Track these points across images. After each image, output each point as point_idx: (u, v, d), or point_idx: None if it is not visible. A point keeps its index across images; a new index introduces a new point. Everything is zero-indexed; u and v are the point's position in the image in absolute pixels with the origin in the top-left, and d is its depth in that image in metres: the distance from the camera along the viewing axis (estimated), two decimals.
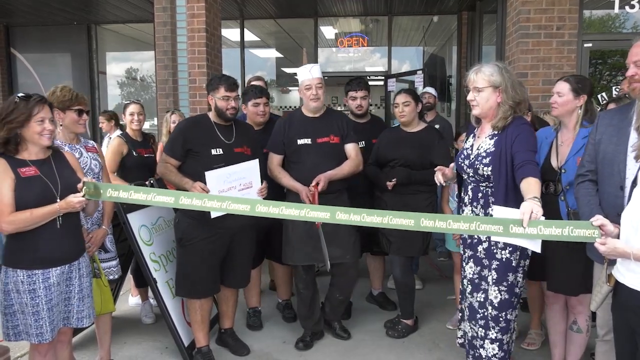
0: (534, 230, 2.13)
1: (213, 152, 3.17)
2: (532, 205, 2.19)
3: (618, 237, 1.99)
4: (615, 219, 2.05)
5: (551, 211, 2.67)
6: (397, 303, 4.13)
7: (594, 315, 2.80)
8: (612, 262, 2.08)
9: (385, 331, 3.84)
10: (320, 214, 2.34)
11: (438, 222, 2.21)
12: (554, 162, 2.95)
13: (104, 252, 3.19)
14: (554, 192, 2.92)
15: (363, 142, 3.81)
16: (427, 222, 2.22)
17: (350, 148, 3.53)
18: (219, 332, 3.65)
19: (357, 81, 4.08)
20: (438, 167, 2.84)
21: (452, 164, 2.98)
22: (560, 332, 3.12)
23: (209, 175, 3.02)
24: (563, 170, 2.87)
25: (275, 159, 3.54)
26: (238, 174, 3.13)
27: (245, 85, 4.47)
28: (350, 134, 3.54)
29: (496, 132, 2.68)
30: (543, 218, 2.18)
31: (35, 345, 2.51)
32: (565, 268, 2.86)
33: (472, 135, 2.88)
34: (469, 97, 2.71)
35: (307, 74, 3.45)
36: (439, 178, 2.80)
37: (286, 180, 3.44)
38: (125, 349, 3.64)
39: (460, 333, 3.01)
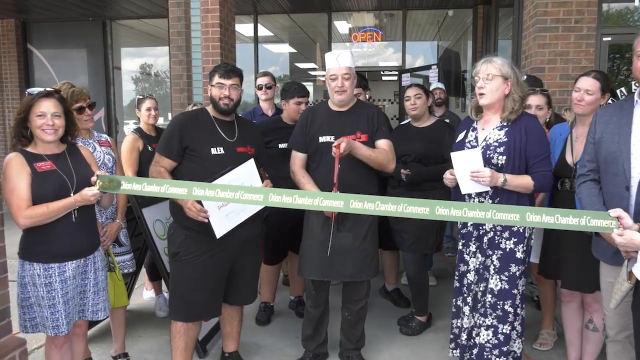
0: (550, 219, 2.12)
1: (213, 151, 2.79)
2: (490, 171, 2.53)
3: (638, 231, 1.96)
4: None
5: (567, 208, 2.63)
6: (411, 300, 4.11)
7: None
8: (633, 260, 2.04)
9: (399, 328, 3.83)
10: (334, 203, 2.31)
11: (453, 210, 2.19)
12: (569, 159, 2.92)
13: (118, 246, 3.21)
14: (570, 188, 2.88)
15: None
16: (442, 210, 2.19)
17: (382, 144, 3.07)
18: (221, 356, 3.32)
19: None
20: (448, 171, 2.80)
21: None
22: (576, 330, 3.09)
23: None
24: (578, 166, 2.83)
25: (298, 159, 3.14)
26: (238, 179, 2.71)
27: (255, 80, 4.44)
28: (381, 129, 3.09)
29: (505, 124, 2.69)
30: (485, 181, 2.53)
31: (51, 338, 2.54)
32: (580, 266, 2.83)
33: (471, 129, 2.84)
34: (479, 84, 2.69)
35: (334, 61, 3.01)
36: (449, 183, 2.83)
37: (309, 189, 2.99)
38: (140, 342, 3.67)
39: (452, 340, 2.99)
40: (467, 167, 2.58)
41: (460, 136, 2.88)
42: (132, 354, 3.44)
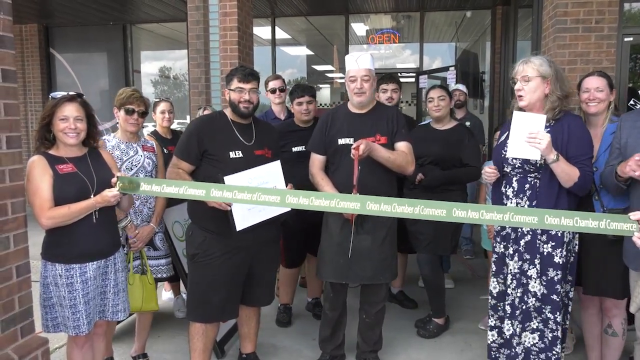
0: (569, 221, 2.09)
1: (231, 154, 2.80)
2: (549, 138, 2.42)
3: None
4: None
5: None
6: (417, 301, 4.17)
7: (630, 319, 2.71)
8: None
9: (417, 331, 3.81)
10: (350, 204, 2.31)
11: (470, 212, 2.17)
12: None
13: (153, 250, 3.24)
14: (588, 192, 2.85)
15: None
16: (459, 212, 2.17)
17: (402, 146, 3.05)
18: (239, 357, 3.35)
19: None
20: (487, 167, 2.81)
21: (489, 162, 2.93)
22: (596, 335, 3.05)
23: (229, 181, 2.60)
24: (594, 169, 2.79)
25: (317, 161, 3.15)
26: (261, 177, 2.74)
27: (265, 84, 4.42)
28: (400, 131, 3.07)
29: (547, 124, 2.62)
30: (545, 142, 2.40)
31: (73, 338, 2.59)
32: (601, 271, 2.79)
33: None
34: (517, 86, 2.67)
35: (353, 63, 3.02)
36: (488, 177, 2.82)
37: (328, 191, 2.97)
38: (159, 342, 3.71)
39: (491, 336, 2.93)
40: (525, 130, 2.48)
41: (503, 137, 2.83)
42: (151, 354, 3.48)
